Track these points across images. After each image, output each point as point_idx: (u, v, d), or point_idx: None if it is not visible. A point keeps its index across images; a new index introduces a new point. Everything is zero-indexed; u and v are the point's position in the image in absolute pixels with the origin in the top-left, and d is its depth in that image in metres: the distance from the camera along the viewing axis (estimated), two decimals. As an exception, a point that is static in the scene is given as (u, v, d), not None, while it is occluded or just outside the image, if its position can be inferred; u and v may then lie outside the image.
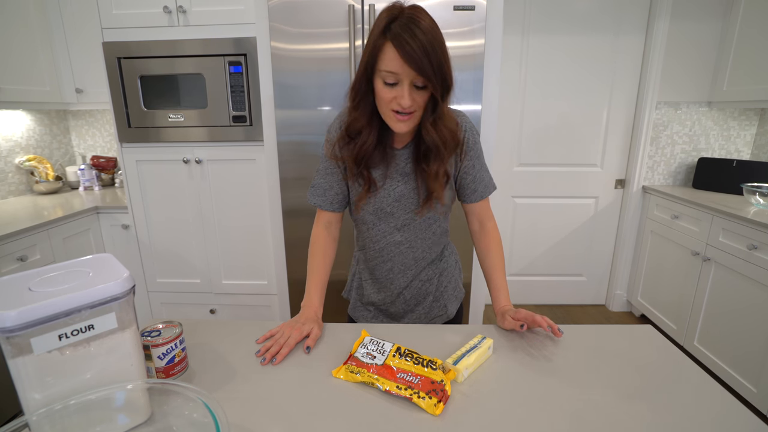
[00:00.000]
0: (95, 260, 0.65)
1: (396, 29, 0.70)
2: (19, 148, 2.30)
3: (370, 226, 0.95)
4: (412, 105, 0.75)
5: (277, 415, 0.65)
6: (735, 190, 2.24)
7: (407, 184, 0.90)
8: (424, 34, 0.69)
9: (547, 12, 2.34)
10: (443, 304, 1.05)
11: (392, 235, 0.95)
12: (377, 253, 0.98)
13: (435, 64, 0.70)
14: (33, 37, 2.06)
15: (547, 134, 2.51)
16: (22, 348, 0.51)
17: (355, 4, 1.57)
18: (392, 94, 0.75)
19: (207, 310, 2.18)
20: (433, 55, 0.70)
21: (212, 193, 2.01)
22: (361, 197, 0.90)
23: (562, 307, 2.79)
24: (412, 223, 0.93)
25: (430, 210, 0.91)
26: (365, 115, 0.82)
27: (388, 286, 1.02)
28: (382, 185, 0.90)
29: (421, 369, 0.73)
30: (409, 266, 0.99)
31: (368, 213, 0.93)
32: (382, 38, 0.72)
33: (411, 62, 0.70)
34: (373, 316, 1.08)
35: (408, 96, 0.74)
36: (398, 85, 0.74)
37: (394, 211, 0.92)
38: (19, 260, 1.69)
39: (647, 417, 0.65)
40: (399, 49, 0.70)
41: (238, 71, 1.84)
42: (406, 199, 0.91)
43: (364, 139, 0.83)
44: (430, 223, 0.95)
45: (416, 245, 0.96)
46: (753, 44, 2.11)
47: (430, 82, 0.72)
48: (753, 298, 1.74)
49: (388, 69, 0.73)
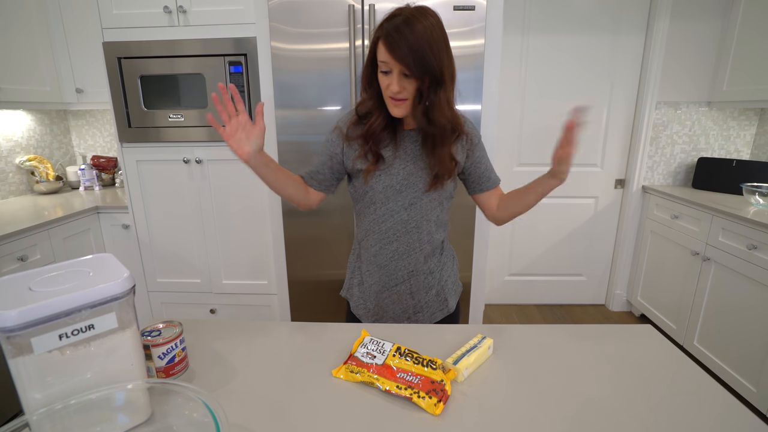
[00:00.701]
0: (95, 260, 0.65)
1: (387, 27, 0.83)
2: (20, 148, 2.30)
3: (379, 206, 0.99)
4: (400, 91, 0.85)
5: (277, 415, 0.66)
6: (735, 190, 2.24)
7: (416, 163, 0.96)
8: (412, 32, 0.80)
9: (547, 12, 2.34)
10: (444, 297, 1.08)
11: (399, 214, 0.99)
12: (383, 234, 1.01)
13: (417, 56, 0.81)
14: (33, 37, 2.06)
15: (547, 134, 2.51)
16: (22, 348, 0.51)
17: (355, 4, 1.57)
18: (387, 82, 0.86)
19: (207, 310, 2.18)
20: (417, 48, 0.80)
21: (212, 192, 2.01)
22: (370, 169, 0.96)
23: (562, 307, 2.79)
24: (418, 202, 0.98)
25: (438, 189, 0.97)
26: (374, 98, 0.93)
27: (391, 272, 1.03)
28: (392, 163, 0.96)
29: (421, 369, 0.73)
30: (413, 248, 1.01)
31: (378, 191, 0.98)
32: (377, 34, 0.85)
33: (395, 55, 0.81)
34: (374, 314, 1.07)
35: (396, 83, 0.84)
36: (391, 74, 0.85)
37: (403, 189, 0.97)
38: (20, 260, 1.69)
39: (647, 417, 0.65)
40: (385, 42, 0.82)
41: (238, 71, 1.84)
42: (414, 178, 0.97)
43: (373, 119, 0.94)
44: (434, 205, 0.99)
45: (422, 227, 1.00)
46: (753, 44, 2.11)
47: (411, 71, 0.82)
48: (753, 298, 1.74)
49: (381, 59, 0.85)
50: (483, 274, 1.88)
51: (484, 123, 1.69)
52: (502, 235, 2.69)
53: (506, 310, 2.75)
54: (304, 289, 1.88)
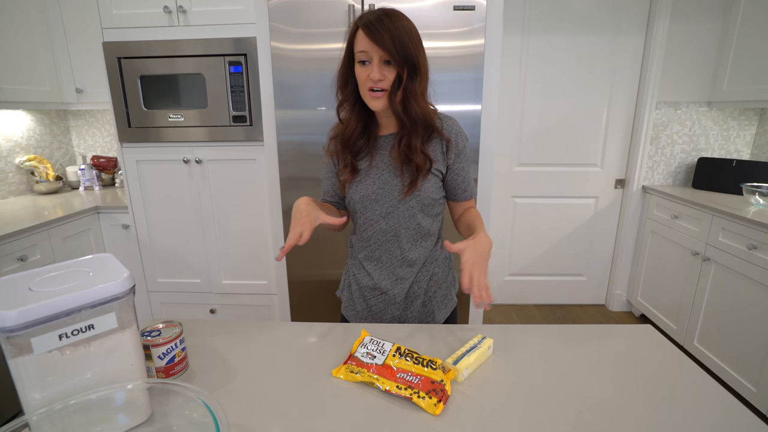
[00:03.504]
0: (95, 260, 0.65)
1: (366, 18, 0.86)
2: (20, 148, 2.30)
3: (359, 215, 1.00)
4: (382, 79, 0.86)
5: (277, 415, 0.66)
6: (735, 190, 2.24)
7: (390, 171, 0.96)
8: (390, 20, 0.84)
9: (547, 12, 2.34)
10: (431, 310, 1.05)
11: (378, 223, 0.99)
12: (366, 242, 1.02)
13: (398, 43, 0.83)
14: (33, 37, 2.06)
15: (547, 134, 2.51)
16: (22, 348, 0.51)
17: (355, 4, 1.57)
18: (366, 72, 0.87)
19: (207, 310, 2.18)
20: (397, 36, 0.83)
21: (212, 193, 2.01)
22: (346, 179, 0.98)
23: (562, 307, 2.79)
24: (395, 211, 0.97)
25: (414, 194, 0.95)
26: (350, 98, 0.94)
27: (377, 278, 1.02)
28: (367, 173, 0.97)
29: (421, 369, 0.73)
30: (395, 257, 1.00)
31: (356, 201, 0.98)
32: (355, 26, 0.88)
33: (375, 40, 0.83)
34: (362, 317, 1.07)
35: (377, 70, 0.85)
36: (370, 63, 0.86)
37: (378, 197, 0.97)
38: (20, 260, 1.69)
39: (647, 417, 0.65)
40: (365, 30, 0.84)
41: (238, 71, 1.84)
42: (389, 186, 0.96)
43: (349, 123, 0.96)
44: (414, 213, 0.97)
45: (401, 235, 0.99)
46: (753, 44, 2.11)
47: (392, 56, 0.84)
48: (753, 298, 1.74)
49: (360, 49, 0.86)
50: (483, 274, 1.87)
51: (484, 123, 1.69)
52: (502, 235, 2.69)
53: (506, 310, 2.75)
54: (304, 289, 1.88)
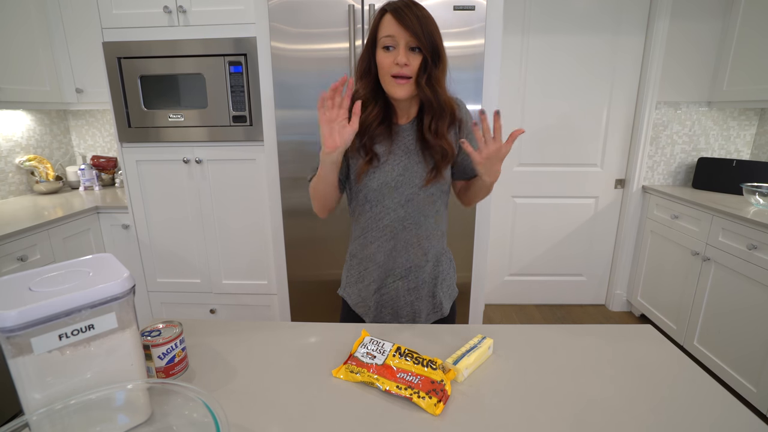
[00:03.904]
0: (95, 260, 0.65)
1: (392, 4, 0.87)
2: (20, 148, 2.30)
3: (374, 204, 0.98)
4: (408, 65, 0.86)
5: (277, 415, 0.66)
6: (735, 190, 2.24)
7: (411, 158, 0.95)
8: (419, 9, 0.85)
9: (547, 12, 2.34)
10: (439, 300, 1.06)
11: (396, 211, 0.98)
12: (380, 232, 1.00)
13: (425, 30, 0.84)
14: (33, 37, 2.06)
15: (548, 134, 2.51)
16: (22, 348, 0.51)
17: (355, 4, 1.57)
18: (391, 58, 0.87)
19: (207, 310, 2.18)
20: (424, 23, 0.84)
21: (212, 192, 2.01)
22: (362, 168, 0.95)
23: (562, 307, 2.79)
24: (415, 198, 0.97)
25: (436, 181, 0.96)
26: (369, 85, 0.93)
27: (389, 268, 1.02)
28: (386, 160, 0.96)
29: (421, 369, 0.73)
30: (411, 244, 1.00)
31: (372, 189, 0.97)
32: (381, 12, 0.88)
33: (404, 24, 0.84)
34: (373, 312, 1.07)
35: (404, 54, 0.85)
36: (395, 49, 0.86)
37: (398, 185, 0.96)
38: (19, 260, 1.69)
39: (647, 417, 0.65)
40: (394, 15, 0.84)
41: (238, 71, 1.84)
42: (410, 173, 0.95)
43: (369, 111, 0.94)
44: (434, 199, 0.98)
45: (420, 222, 0.99)
46: (753, 44, 2.11)
47: (421, 43, 0.84)
48: (753, 298, 1.74)
49: (386, 33, 0.86)
50: (483, 274, 1.88)
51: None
52: (502, 235, 2.69)
53: (506, 310, 2.75)
54: (304, 289, 1.88)
